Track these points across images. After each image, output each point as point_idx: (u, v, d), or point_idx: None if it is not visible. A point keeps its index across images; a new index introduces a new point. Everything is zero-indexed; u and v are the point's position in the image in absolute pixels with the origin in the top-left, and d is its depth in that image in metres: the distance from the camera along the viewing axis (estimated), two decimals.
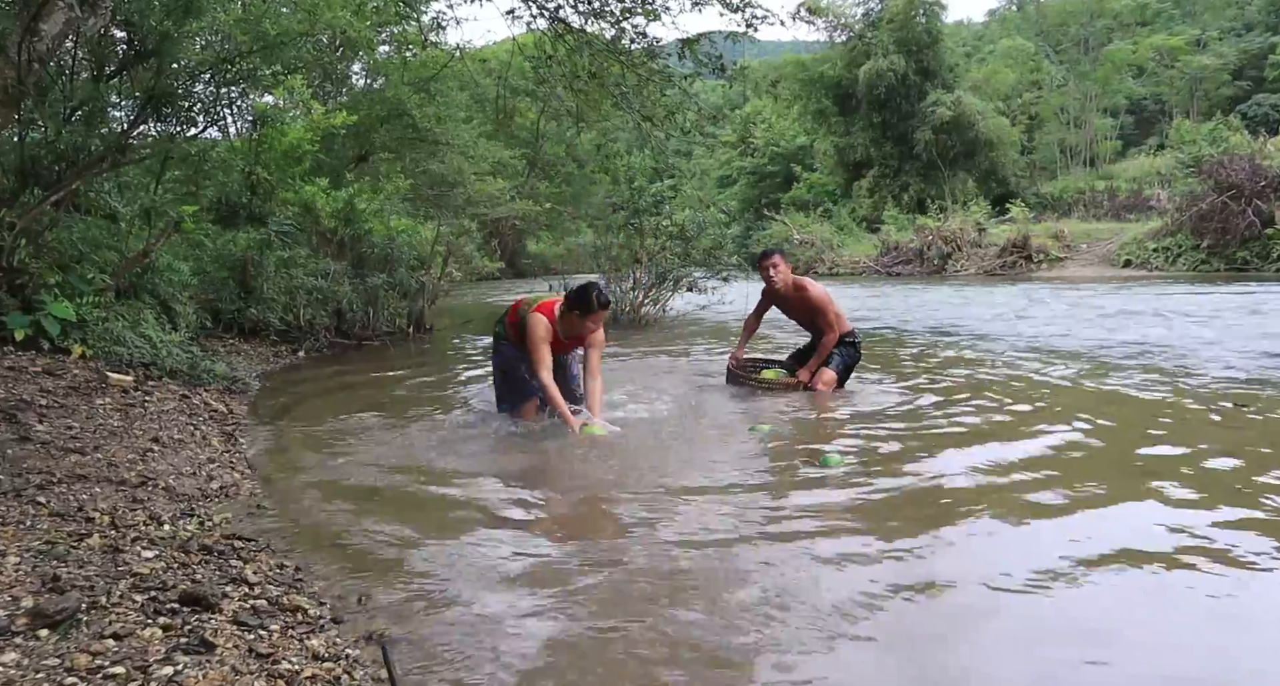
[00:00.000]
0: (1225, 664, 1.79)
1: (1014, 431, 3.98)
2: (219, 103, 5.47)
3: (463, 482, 3.23)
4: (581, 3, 6.69)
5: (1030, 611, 2.03)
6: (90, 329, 4.55)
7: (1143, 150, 34.56)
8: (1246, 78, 37.68)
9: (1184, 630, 1.97)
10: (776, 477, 3.31)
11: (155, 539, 2.30)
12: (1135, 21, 43.57)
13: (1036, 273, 19.54)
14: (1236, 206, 16.35)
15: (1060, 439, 3.75)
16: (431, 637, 1.87)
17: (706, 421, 4.43)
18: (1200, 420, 4.12)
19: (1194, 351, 6.36)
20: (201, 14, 4.66)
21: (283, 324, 7.40)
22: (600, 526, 2.77)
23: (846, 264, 24.50)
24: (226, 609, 1.87)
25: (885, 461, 3.44)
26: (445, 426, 4.34)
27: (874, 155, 31.70)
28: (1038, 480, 3.10)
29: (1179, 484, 3.00)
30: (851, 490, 3.01)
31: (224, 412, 4.45)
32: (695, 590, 2.15)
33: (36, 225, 4.57)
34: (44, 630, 1.63)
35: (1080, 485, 3.01)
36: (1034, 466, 3.29)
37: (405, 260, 8.78)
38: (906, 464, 3.40)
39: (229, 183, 6.60)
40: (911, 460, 3.46)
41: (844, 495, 2.96)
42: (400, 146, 9.16)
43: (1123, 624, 1.96)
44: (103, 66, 5.09)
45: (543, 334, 4.00)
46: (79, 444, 3.10)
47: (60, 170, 4.66)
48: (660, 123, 7.50)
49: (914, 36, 30.20)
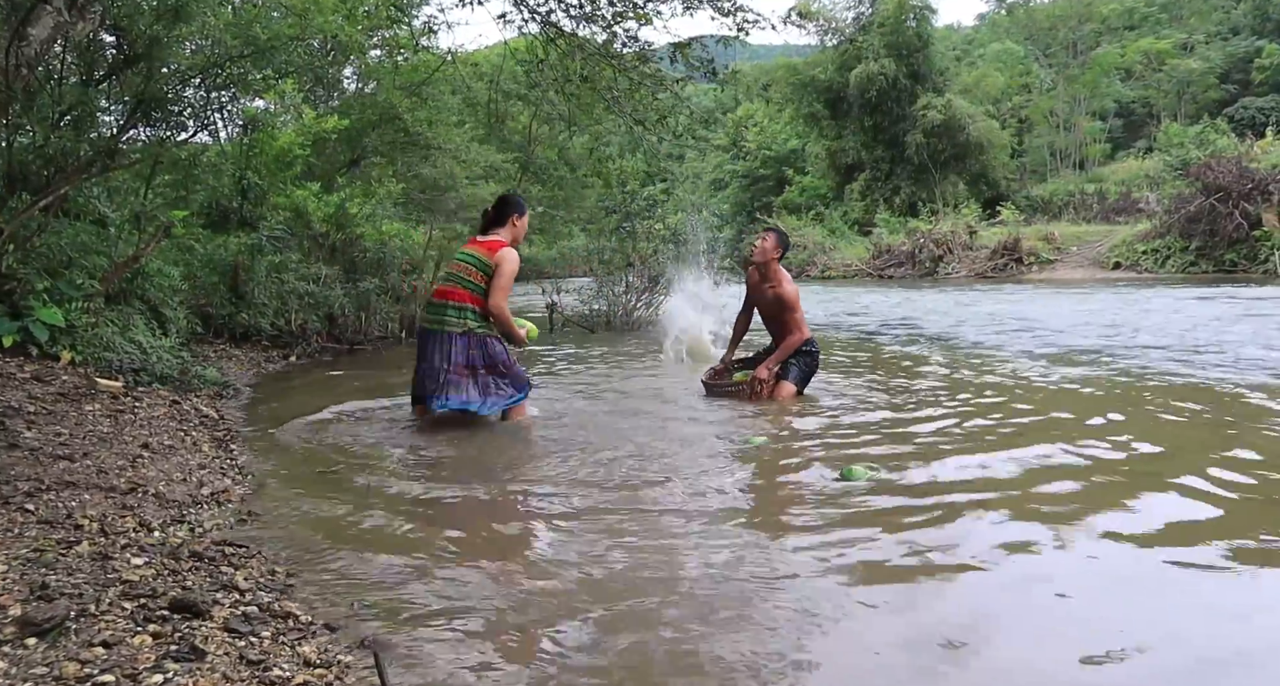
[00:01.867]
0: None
1: (1033, 437, 3.85)
2: (209, 107, 5.46)
3: (458, 488, 3.21)
4: (573, 7, 6.70)
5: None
6: (79, 334, 4.53)
7: (1131, 153, 34.81)
8: (1233, 81, 38.01)
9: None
10: (795, 494, 3.15)
11: (145, 545, 2.28)
12: (1123, 25, 43.98)
13: (1027, 275, 19.64)
14: (1224, 209, 16.46)
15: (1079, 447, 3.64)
16: (425, 644, 1.86)
17: (711, 432, 4.33)
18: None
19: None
20: (191, 18, 4.65)
21: (274, 329, 7.37)
22: (604, 541, 2.75)
23: (839, 267, 24.59)
24: (217, 615, 1.86)
25: (904, 471, 3.29)
26: (439, 431, 4.32)
27: (865, 158, 31.86)
28: (1079, 491, 2.99)
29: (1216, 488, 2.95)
30: (881, 502, 2.87)
31: (215, 418, 4.43)
32: (702, 604, 2.14)
33: (25, 230, 4.55)
34: (32, 638, 1.61)
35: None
36: (1069, 474, 3.18)
37: (397, 264, 8.77)
38: (920, 472, 3.28)
39: (220, 187, 6.59)
40: (924, 469, 3.34)
41: (876, 508, 2.83)
42: (392, 150, 9.16)
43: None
44: (92, 71, 5.08)
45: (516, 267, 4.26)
46: (68, 450, 3.07)
47: (49, 175, 4.63)
48: (652, 126, 7.53)
49: (904, 40, 30.40)
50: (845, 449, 3.73)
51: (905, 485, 3.12)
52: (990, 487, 3.06)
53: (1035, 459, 3.46)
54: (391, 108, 8.57)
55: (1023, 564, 2.35)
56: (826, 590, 2.17)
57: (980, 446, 3.74)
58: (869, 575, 2.28)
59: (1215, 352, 6.43)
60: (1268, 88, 36.24)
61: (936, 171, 29.79)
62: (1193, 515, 2.72)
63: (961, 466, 3.39)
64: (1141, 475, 3.21)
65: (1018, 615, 2.06)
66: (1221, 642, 1.89)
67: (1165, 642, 1.89)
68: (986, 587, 2.22)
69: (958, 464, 3.42)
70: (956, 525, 2.68)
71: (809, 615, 2.02)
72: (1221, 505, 2.79)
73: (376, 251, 8.52)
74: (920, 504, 2.88)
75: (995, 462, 3.42)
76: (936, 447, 3.73)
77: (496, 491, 3.14)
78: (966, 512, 2.78)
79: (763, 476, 3.44)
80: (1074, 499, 2.92)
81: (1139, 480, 3.13)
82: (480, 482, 3.27)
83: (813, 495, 3.06)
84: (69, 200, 5.05)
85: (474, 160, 10.60)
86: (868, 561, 2.37)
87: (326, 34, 6.78)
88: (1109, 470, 3.29)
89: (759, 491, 3.27)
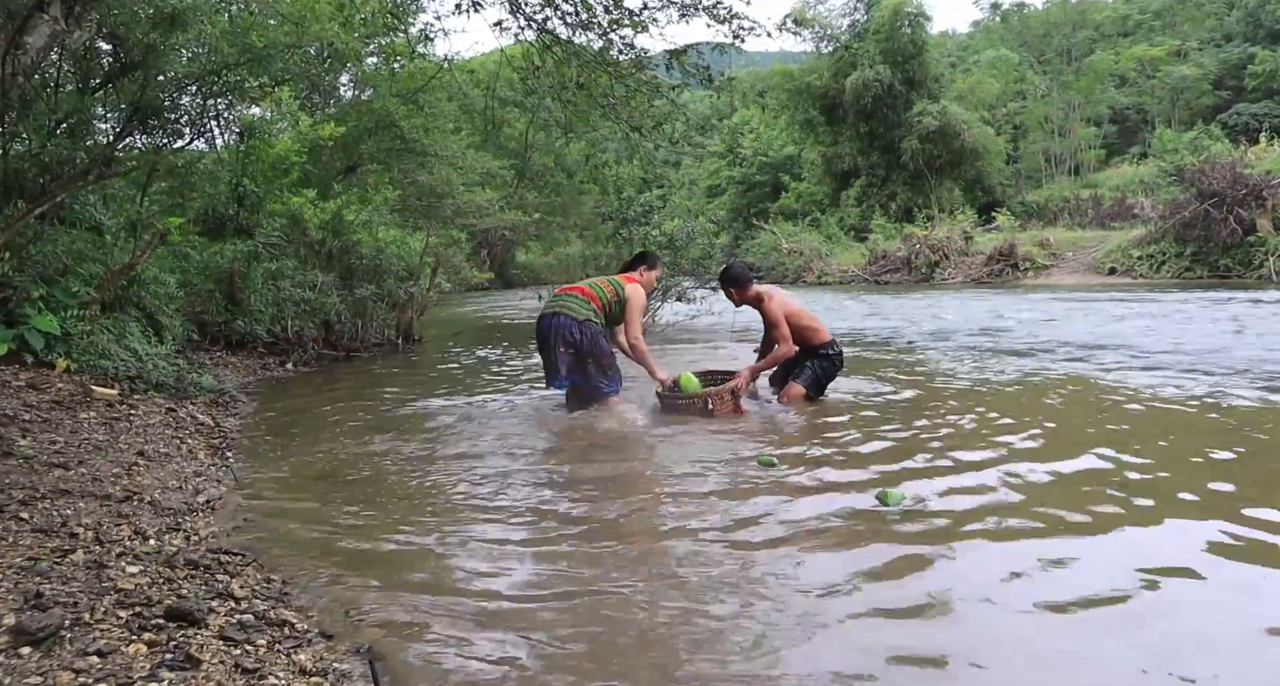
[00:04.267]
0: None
1: (1064, 451, 3.58)
2: (206, 114, 5.47)
3: (456, 496, 3.21)
4: (569, 14, 6.72)
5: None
6: (75, 342, 4.52)
7: (1126, 159, 34.90)
8: (1226, 87, 38.18)
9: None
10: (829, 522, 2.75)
11: (140, 554, 2.27)
12: (1117, 32, 44.24)
13: (1023, 280, 19.68)
14: (1219, 214, 16.52)
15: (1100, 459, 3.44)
16: (420, 652, 1.86)
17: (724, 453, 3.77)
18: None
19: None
20: (188, 26, 4.66)
21: (270, 336, 7.37)
22: (607, 553, 2.74)
23: (835, 272, 24.60)
24: (212, 624, 1.85)
25: (940, 496, 3.00)
26: (436, 438, 4.32)
27: (861, 164, 31.93)
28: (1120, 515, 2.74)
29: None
30: (916, 529, 2.63)
31: (210, 426, 4.42)
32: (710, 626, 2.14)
33: (21, 238, 4.54)
34: (26, 647, 1.61)
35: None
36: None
37: (394, 271, 8.77)
38: (952, 495, 3.00)
39: (216, 194, 6.59)
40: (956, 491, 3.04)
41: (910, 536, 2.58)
42: (388, 157, 9.17)
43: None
44: (88, 79, 5.08)
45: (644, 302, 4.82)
46: (63, 458, 3.07)
47: (45, 182, 4.63)
48: (648, 133, 7.54)
49: (899, 47, 30.49)
50: (871, 465, 3.42)
51: (944, 509, 2.84)
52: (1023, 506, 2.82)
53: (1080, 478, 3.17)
54: (388, 114, 8.59)
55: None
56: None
57: (1035, 457, 3.47)
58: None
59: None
60: (1261, 94, 36.41)
61: (932, 177, 29.87)
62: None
63: (991, 483, 3.12)
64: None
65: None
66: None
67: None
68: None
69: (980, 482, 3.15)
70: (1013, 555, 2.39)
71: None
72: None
73: (373, 258, 8.51)
74: (972, 528, 2.63)
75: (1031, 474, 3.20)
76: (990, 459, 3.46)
77: (501, 499, 3.13)
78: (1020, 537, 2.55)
79: (790, 500, 2.99)
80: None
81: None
82: (484, 491, 3.26)
83: (857, 523, 2.73)
84: (65, 207, 5.05)
85: (470, 167, 10.61)
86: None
87: (323, 41, 6.79)
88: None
89: (789, 520, 2.77)
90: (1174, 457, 3.47)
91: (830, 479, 3.27)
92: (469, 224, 12.30)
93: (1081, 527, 2.63)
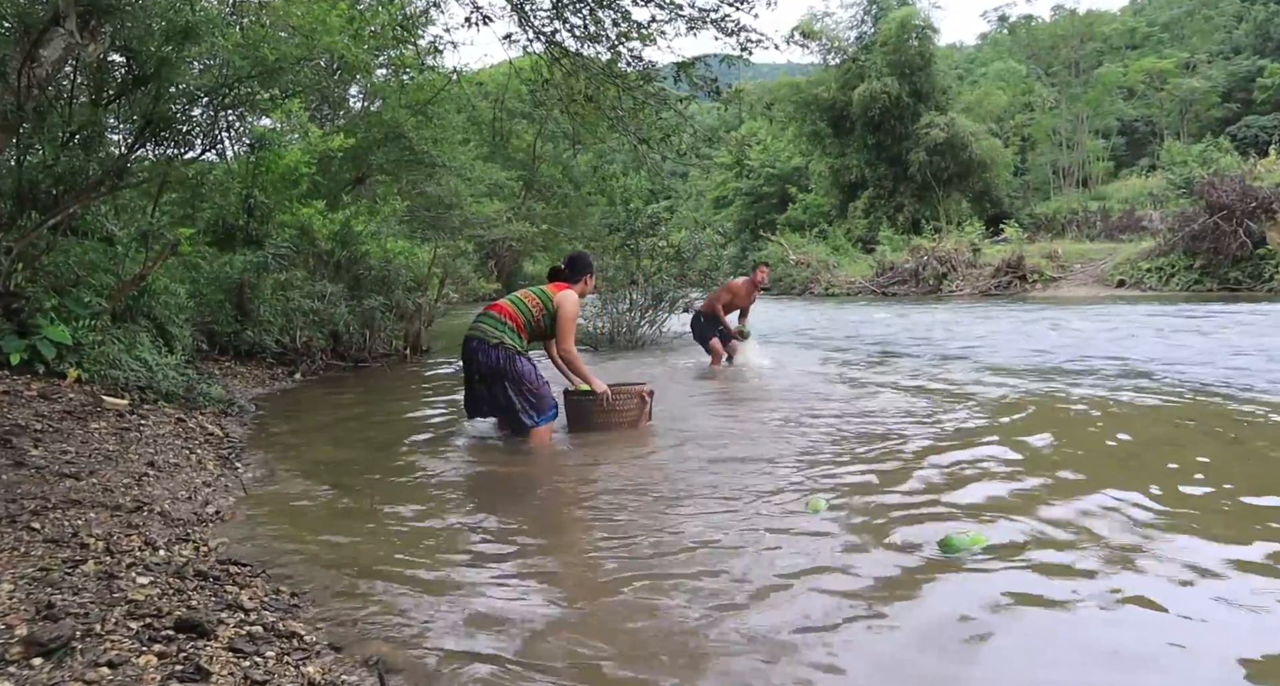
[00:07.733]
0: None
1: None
2: (217, 126, 5.50)
3: (464, 506, 3.21)
4: (578, 27, 6.77)
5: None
6: (86, 352, 4.54)
7: (1134, 171, 34.93)
8: (1235, 100, 38.19)
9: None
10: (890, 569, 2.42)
11: (150, 564, 2.28)
12: (1125, 45, 44.30)
13: (1031, 292, 19.63)
14: (1228, 227, 16.48)
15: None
16: (429, 664, 1.86)
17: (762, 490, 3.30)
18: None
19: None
20: (200, 39, 4.70)
21: (279, 346, 7.40)
22: (617, 564, 2.74)
23: (842, 284, 24.59)
24: (222, 635, 1.86)
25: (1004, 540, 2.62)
26: (444, 449, 4.32)
27: (868, 176, 31.99)
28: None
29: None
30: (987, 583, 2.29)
31: (220, 436, 4.43)
32: (712, 641, 2.13)
33: (33, 249, 4.58)
34: (38, 658, 1.61)
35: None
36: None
37: (402, 282, 8.80)
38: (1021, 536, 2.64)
39: (226, 205, 6.63)
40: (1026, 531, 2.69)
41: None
42: (397, 168, 9.23)
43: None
44: (101, 91, 5.12)
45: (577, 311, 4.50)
46: (74, 468, 3.08)
47: (58, 194, 4.67)
48: (656, 145, 7.58)
49: (907, 59, 30.62)
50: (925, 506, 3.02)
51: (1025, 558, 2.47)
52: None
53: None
54: (397, 126, 8.65)
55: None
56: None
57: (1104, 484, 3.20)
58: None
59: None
60: (1270, 106, 36.42)
61: (940, 189, 29.91)
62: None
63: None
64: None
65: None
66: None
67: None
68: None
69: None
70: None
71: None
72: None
73: (381, 269, 8.55)
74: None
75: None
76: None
77: (507, 513, 3.13)
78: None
79: (846, 551, 2.57)
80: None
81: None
82: (492, 506, 3.26)
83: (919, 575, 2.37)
84: (77, 219, 5.08)
85: (478, 178, 10.69)
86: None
87: (333, 54, 6.85)
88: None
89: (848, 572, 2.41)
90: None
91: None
92: (477, 235, 12.36)
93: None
